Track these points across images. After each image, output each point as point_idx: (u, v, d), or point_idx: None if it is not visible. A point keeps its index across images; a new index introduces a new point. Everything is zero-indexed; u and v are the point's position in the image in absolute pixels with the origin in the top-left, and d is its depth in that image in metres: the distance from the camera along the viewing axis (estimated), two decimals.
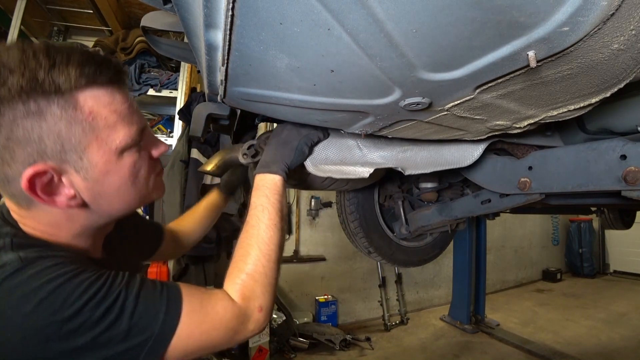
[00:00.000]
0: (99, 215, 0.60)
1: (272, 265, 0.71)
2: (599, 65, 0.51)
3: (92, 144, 0.52)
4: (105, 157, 0.54)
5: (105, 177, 0.55)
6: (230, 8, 0.41)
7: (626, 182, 0.84)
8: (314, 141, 0.90)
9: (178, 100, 2.62)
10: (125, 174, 0.57)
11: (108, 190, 0.57)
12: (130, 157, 0.58)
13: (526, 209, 2.04)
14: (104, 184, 0.56)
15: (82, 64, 0.50)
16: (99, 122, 0.52)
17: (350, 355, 3.10)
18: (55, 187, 0.52)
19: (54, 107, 0.48)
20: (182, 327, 0.54)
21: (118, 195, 0.58)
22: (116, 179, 0.57)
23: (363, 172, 0.94)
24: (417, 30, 0.42)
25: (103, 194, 0.57)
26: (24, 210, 0.55)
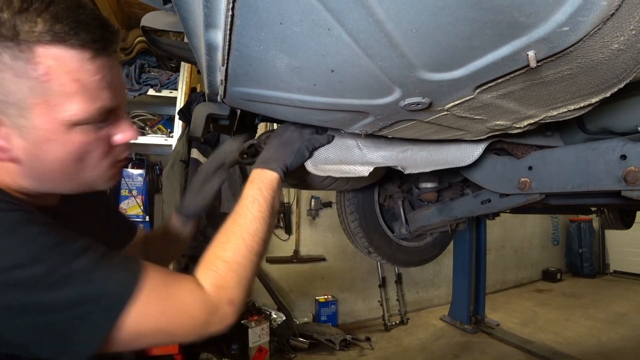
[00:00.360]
0: (37, 181, 0.54)
1: (253, 258, 0.65)
2: (599, 65, 0.51)
3: (38, 106, 0.46)
4: (50, 125, 0.48)
5: (45, 144, 0.49)
6: (230, 8, 0.41)
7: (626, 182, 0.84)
8: (315, 146, 0.89)
9: (178, 100, 2.62)
10: (69, 149, 0.50)
11: (47, 157, 0.50)
12: (82, 134, 0.51)
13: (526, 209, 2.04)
14: (44, 150, 0.50)
15: (56, 18, 0.44)
16: (53, 86, 0.46)
17: (350, 355, 3.10)
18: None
19: (5, 54, 0.43)
20: (138, 304, 0.49)
21: (56, 168, 0.52)
22: (58, 151, 0.50)
23: (363, 171, 0.94)
24: (417, 30, 0.42)
25: (41, 160, 0.51)
26: None
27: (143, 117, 2.72)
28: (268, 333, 2.91)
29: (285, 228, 3.69)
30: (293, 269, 3.72)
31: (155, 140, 2.64)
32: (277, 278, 3.65)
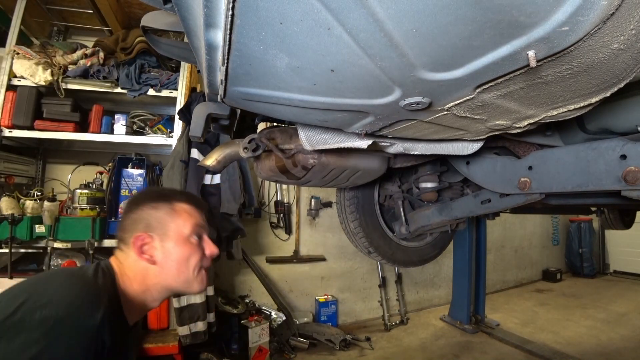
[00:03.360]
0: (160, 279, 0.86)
1: None
2: (599, 65, 0.51)
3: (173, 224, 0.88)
4: (177, 237, 0.88)
5: (173, 248, 0.87)
6: (231, 8, 0.41)
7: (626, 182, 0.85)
8: None
9: (178, 100, 2.62)
10: (183, 252, 0.87)
11: (171, 258, 0.86)
12: (190, 244, 0.89)
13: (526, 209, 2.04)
14: (171, 253, 0.86)
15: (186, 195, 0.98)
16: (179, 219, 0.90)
17: (350, 355, 3.10)
18: (147, 248, 0.85)
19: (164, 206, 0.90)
20: None
21: (176, 264, 0.87)
22: (178, 252, 0.87)
23: (362, 144, 0.93)
24: (417, 30, 0.42)
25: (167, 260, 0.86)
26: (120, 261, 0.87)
27: (143, 117, 2.72)
28: (268, 333, 2.91)
29: (285, 228, 3.69)
30: (293, 269, 3.72)
31: (155, 140, 2.64)
32: (277, 278, 3.65)
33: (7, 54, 2.37)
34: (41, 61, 2.38)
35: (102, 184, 2.63)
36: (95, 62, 2.53)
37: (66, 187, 2.77)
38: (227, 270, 3.42)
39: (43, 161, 2.91)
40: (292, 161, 1.08)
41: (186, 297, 2.46)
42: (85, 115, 2.56)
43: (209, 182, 2.58)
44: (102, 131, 2.56)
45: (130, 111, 2.70)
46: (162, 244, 0.86)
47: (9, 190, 2.43)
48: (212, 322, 2.58)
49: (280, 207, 3.63)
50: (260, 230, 3.63)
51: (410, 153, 1.02)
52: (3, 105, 2.33)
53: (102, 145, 2.71)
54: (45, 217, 2.25)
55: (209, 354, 2.60)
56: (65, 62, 2.47)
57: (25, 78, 2.38)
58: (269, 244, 3.65)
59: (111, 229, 2.48)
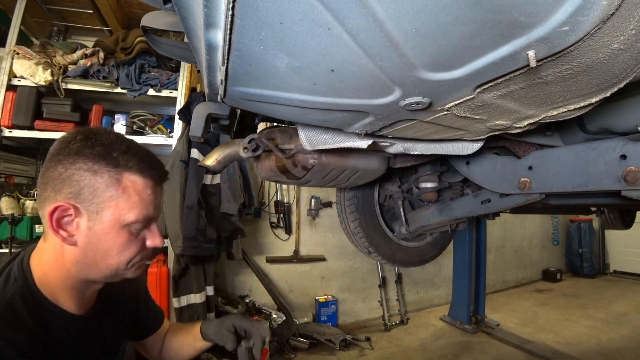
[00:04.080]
0: (82, 266, 0.69)
1: None
2: (599, 65, 0.51)
3: (111, 207, 0.67)
4: (113, 222, 0.67)
5: (103, 235, 0.67)
6: (231, 7, 0.41)
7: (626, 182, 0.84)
8: None
9: (178, 100, 2.62)
10: (117, 241, 0.69)
11: (99, 246, 0.68)
12: (129, 233, 0.70)
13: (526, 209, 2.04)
14: (99, 239, 0.68)
15: (142, 159, 0.71)
16: (124, 196, 0.68)
17: (350, 355, 3.10)
18: (65, 222, 0.66)
19: (106, 173, 0.66)
20: None
21: (103, 255, 0.69)
22: (110, 241, 0.68)
23: (362, 144, 0.93)
24: (417, 30, 0.42)
25: (93, 247, 0.68)
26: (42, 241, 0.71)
27: (143, 117, 2.72)
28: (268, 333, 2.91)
29: (285, 228, 3.69)
30: (293, 269, 3.72)
31: (155, 140, 2.64)
32: (277, 278, 3.65)
33: (7, 54, 2.37)
34: (41, 61, 2.38)
35: None
36: (95, 62, 2.53)
37: None
38: (227, 270, 3.43)
39: (43, 161, 2.90)
40: (292, 161, 1.08)
41: (186, 297, 2.46)
42: (85, 115, 2.56)
43: (209, 182, 2.58)
44: None
45: (130, 111, 2.70)
46: (90, 223, 0.66)
47: (9, 190, 2.43)
48: None
49: (280, 207, 3.63)
50: (260, 230, 3.63)
51: (410, 153, 1.02)
52: (3, 105, 2.33)
53: None
54: None
55: (209, 354, 2.60)
56: (65, 62, 2.47)
57: (25, 78, 2.38)
58: (269, 244, 3.65)
59: None
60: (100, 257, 0.69)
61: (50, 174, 0.66)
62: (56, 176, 0.65)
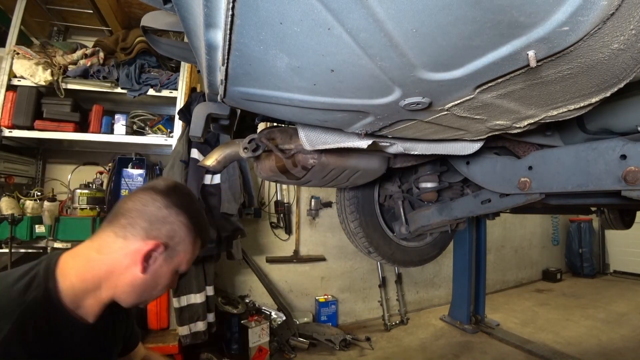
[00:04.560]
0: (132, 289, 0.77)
1: None
2: (599, 65, 0.51)
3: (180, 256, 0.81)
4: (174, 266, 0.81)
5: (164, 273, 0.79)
6: (231, 7, 0.41)
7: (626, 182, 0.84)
8: None
9: (178, 100, 2.62)
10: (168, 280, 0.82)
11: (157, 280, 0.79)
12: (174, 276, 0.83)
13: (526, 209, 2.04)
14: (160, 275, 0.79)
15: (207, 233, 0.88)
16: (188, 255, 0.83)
17: (350, 355, 3.10)
18: (152, 256, 0.76)
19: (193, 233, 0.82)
20: None
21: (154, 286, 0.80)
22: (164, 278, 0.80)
23: (362, 144, 0.93)
24: (417, 30, 0.42)
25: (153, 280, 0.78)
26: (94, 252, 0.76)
27: (143, 117, 2.72)
28: (268, 333, 2.91)
29: (285, 228, 3.69)
30: (293, 269, 3.72)
31: (155, 140, 2.64)
32: (277, 278, 3.65)
33: (7, 54, 2.37)
34: (41, 61, 2.38)
35: (102, 184, 2.63)
36: (95, 62, 2.53)
37: (66, 187, 2.77)
38: (227, 270, 3.43)
39: (43, 161, 2.91)
40: (292, 161, 1.08)
41: (186, 297, 2.46)
42: (85, 115, 2.56)
43: (209, 182, 2.58)
44: (102, 131, 2.56)
45: (130, 111, 2.70)
46: (164, 262, 0.78)
47: (9, 190, 2.43)
48: (212, 322, 2.58)
49: (280, 207, 3.63)
50: (260, 230, 3.63)
51: (410, 153, 1.02)
52: (3, 105, 2.33)
53: (102, 145, 2.71)
54: (45, 217, 2.25)
55: (209, 354, 2.60)
56: (65, 62, 2.47)
57: (25, 78, 2.38)
58: (269, 244, 3.65)
59: None
60: (152, 287, 0.80)
61: (154, 212, 0.77)
62: (160, 217, 0.77)
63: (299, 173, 1.11)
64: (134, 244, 0.74)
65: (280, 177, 1.15)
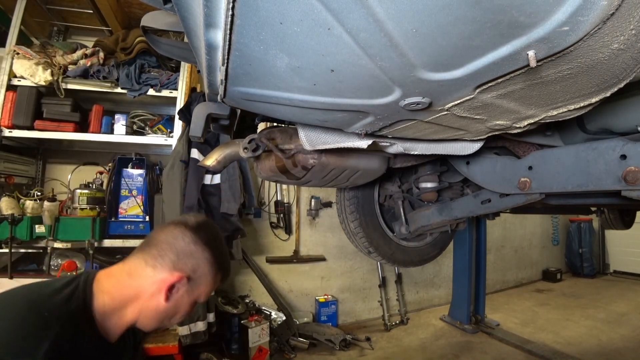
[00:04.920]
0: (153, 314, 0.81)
1: None
2: (599, 65, 0.51)
3: (201, 288, 0.86)
4: (195, 297, 0.86)
5: (185, 303, 0.84)
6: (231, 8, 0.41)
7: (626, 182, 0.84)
8: None
9: (178, 100, 2.62)
10: (187, 309, 0.86)
11: (178, 308, 0.84)
12: (192, 307, 0.87)
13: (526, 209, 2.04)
14: (181, 304, 0.84)
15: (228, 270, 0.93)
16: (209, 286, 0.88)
17: (350, 355, 3.10)
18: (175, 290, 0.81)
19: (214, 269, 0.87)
20: None
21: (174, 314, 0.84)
22: (184, 307, 0.85)
23: (362, 144, 0.93)
24: (417, 30, 0.42)
25: (174, 308, 0.83)
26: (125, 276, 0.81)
27: (143, 117, 2.72)
28: (268, 333, 2.91)
29: (285, 228, 3.69)
30: (293, 269, 3.72)
31: (155, 140, 2.64)
32: (277, 278, 3.65)
33: (7, 54, 2.37)
34: (41, 61, 2.38)
35: (102, 184, 2.64)
36: (95, 62, 2.53)
37: (66, 187, 2.78)
38: None
39: (43, 161, 2.91)
40: (292, 161, 1.08)
41: None
42: (85, 115, 2.56)
43: (209, 182, 2.58)
44: (102, 131, 2.56)
45: (130, 111, 2.70)
46: (186, 293, 0.83)
47: (9, 190, 2.43)
48: (212, 322, 2.58)
49: (280, 207, 3.63)
50: (260, 230, 3.63)
51: (410, 153, 1.02)
52: (3, 105, 2.33)
53: (102, 145, 2.71)
54: (45, 217, 2.25)
55: (209, 354, 2.60)
56: (65, 62, 2.47)
57: (25, 78, 2.38)
58: (269, 244, 3.65)
59: (111, 229, 2.48)
60: (172, 315, 0.84)
61: (183, 247, 0.82)
62: (188, 252, 0.82)
63: (299, 173, 1.11)
64: (161, 274, 0.80)
65: (280, 177, 1.15)
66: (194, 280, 0.83)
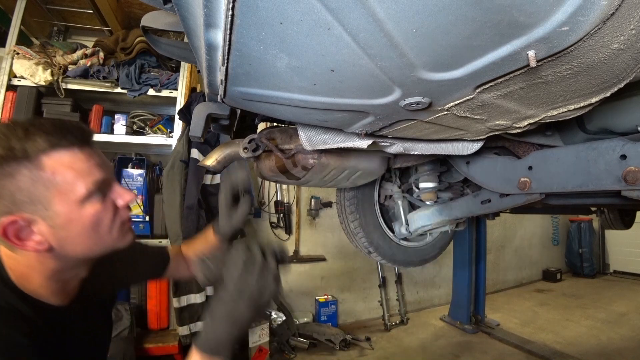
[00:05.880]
0: (65, 259, 0.67)
1: None
2: (599, 65, 0.51)
3: (55, 196, 0.62)
4: (67, 207, 0.63)
5: (68, 224, 0.64)
6: (231, 8, 0.41)
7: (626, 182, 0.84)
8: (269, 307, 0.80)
9: (178, 100, 2.62)
10: (86, 221, 0.65)
11: (71, 235, 0.65)
12: (92, 206, 0.66)
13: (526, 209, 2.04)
14: (68, 230, 0.64)
15: (48, 133, 0.61)
16: (58, 178, 0.61)
17: (350, 355, 3.10)
18: (26, 234, 0.62)
19: (23, 169, 0.59)
20: None
21: (81, 240, 0.66)
22: (78, 226, 0.65)
23: (362, 144, 0.93)
24: (417, 30, 0.42)
25: (67, 239, 0.65)
26: (8, 252, 0.66)
27: (143, 117, 2.72)
28: (268, 333, 2.91)
29: (285, 228, 3.69)
30: (293, 269, 3.72)
31: (155, 140, 2.64)
32: None
33: (7, 54, 2.37)
34: (41, 61, 2.38)
35: None
36: (95, 62, 2.53)
37: None
38: None
39: None
40: (292, 161, 1.08)
41: (186, 297, 2.46)
42: (85, 115, 2.56)
43: (209, 182, 2.58)
44: (102, 131, 2.56)
45: (130, 111, 2.70)
46: (48, 222, 0.62)
47: None
48: None
49: (280, 207, 3.63)
50: (260, 230, 3.63)
51: (410, 153, 1.02)
52: (3, 105, 2.33)
53: (102, 145, 2.71)
54: None
55: None
56: (65, 62, 2.47)
57: (25, 78, 2.38)
58: None
59: None
60: (80, 243, 0.66)
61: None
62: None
63: (299, 173, 1.11)
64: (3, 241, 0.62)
65: (280, 177, 1.15)
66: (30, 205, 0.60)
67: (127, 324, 2.28)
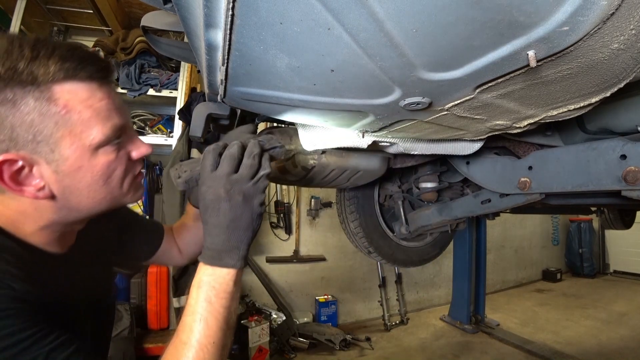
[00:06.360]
0: (67, 211, 0.58)
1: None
2: (599, 65, 0.51)
3: (65, 137, 0.52)
4: (78, 153, 0.53)
5: (76, 172, 0.54)
6: (231, 8, 0.41)
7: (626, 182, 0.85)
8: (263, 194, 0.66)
9: (178, 100, 2.62)
10: (97, 171, 0.56)
11: (78, 185, 0.55)
12: (106, 155, 0.56)
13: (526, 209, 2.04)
14: (75, 178, 0.55)
15: (63, 59, 0.50)
16: (73, 117, 0.51)
17: (350, 355, 3.10)
18: (24, 176, 0.52)
19: (29, 97, 0.48)
20: None
21: (88, 192, 0.57)
22: (87, 175, 0.55)
23: (362, 144, 0.92)
24: (417, 30, 0.42)
25: (73, 189, 0.56)
26: None
27: (143, 117, 2.72)
28: (268, 333, 2.91)
29: (285, 228, 3.69)
30: (293, 269, 3.72)
31: (155, 140, 2.64)
32: (277, 278, 3.65)
33: None
34: None
35: None
36: None
37: None
38: None
39: None
40: (292, 162, 1.09)
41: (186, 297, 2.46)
42: None
43: None
44: None
45: (130, 111, 2.70)
46: (52, 166, 0.52)
47: None
48: None
49: (280, 207, 3.64)
50: (260, 230, 3.62)
51: (410, 153, 1.02)
52: None
53: None
54: None
55: None
56: None
57: None
58: (268, 243, 3.65)
59: None
60: (86, 195, 0.57)
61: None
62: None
63: (299, 174, 1.11)
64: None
65: (281, 178, 1.15)
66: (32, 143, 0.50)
67: (127, 324, 2.28)
